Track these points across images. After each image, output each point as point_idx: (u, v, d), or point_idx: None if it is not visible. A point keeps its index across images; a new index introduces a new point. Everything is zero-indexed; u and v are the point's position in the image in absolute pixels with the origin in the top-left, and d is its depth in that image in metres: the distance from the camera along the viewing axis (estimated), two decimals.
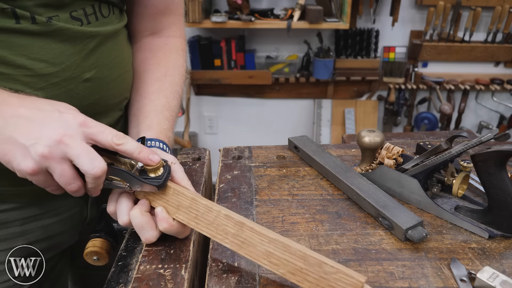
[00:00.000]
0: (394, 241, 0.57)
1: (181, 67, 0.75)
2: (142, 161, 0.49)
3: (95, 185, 0.49)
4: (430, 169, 0.63)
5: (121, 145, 0.48)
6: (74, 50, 0.56)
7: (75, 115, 0.48)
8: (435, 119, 2.59)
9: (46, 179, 0.48)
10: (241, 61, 2.44)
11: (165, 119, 0.66)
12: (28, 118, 0.47)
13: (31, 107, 0.48)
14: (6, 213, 0.60)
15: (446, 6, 2.25)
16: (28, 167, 0.45)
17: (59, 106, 0.49)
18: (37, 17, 0.51)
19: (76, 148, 0.45)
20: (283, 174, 0.75)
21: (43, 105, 0.48)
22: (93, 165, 0.46)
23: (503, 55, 2.44)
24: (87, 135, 0.47)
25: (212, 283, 0.49)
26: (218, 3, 2.39)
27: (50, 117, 0.47)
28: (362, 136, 0.69)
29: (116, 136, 0.48)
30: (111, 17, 0.62)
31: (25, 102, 0.48)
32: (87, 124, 0.48)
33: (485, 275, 0.48)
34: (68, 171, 0.47)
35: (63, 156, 0.46)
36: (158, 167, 0.50)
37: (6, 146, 0.46)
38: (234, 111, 2.72)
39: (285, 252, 0.46)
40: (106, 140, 0.48)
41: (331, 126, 2.62)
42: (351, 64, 2.47)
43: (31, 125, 0.46)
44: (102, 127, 0.49)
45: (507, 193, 0.55)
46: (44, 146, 0.45)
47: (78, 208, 0.70)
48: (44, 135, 0.45)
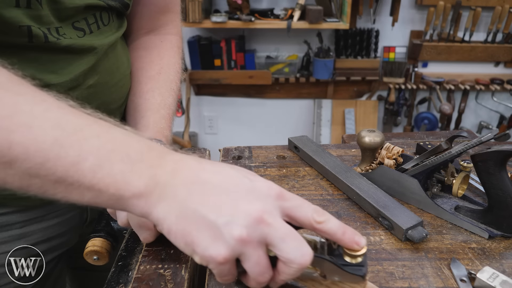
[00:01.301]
0: (394, 241, 0.57)
1: (176, 64, 0.74)
2: (345, 245, 0.40)
3: (292, 276, 0.39)
4: (430, 169, 0.63)
5: (323, 224, 0.39)
6: (82, 61, 0.56)
7: (270, 185, 0.40)
8: (435, 119, 2.60)
9: (230, 268, 0.39)
10: (241, 61, 2.44)
11: (162, 117, 0.65)
12: (216, 187, 0.38)
13: (214, 171, 0.39)
14: (7, 216, 0.60)
15: (446, 6, 2.25)
16: (220, 254, 0.36)
17: (245, 172, 0.41)
18: (49, 37, 0.51)
19: (280, 229, 0.37)
20: (283, 174, 0.75)
21: (226, 169, 0.40)
22: (302, 252, 0.37)
23: (503, 55, 2.44)
24: (284, 211, 0.39)
25: (212, 283, 0.49)
26: (218, 3, 2.39)
27: (241, 186, 0.38)
28: (362, 136, 0.69)
29: (316, 212, 0.39)
30: (110, 24, 0.62)
31: (204, 164, 0.40)
32: (284, 197, 0.39)
33: (485, 275, 0.48)
34: (264, 259, 0.38)
35: (262, 239, 0.37)
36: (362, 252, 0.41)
37: (189, 223, 0.37)
38: (234, 111, 2.72)
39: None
40: (306, 216, 0.39)
41: (331, 126, 2.63)
42: (351, 64, 2.47)
43: (221, 196, 0.37)
44: (299, 199, 0.40)
45: (507, 193, 0.55)
46: (241, 227, 0.35)
47: (78, 210, 0.70)
48: (240, 211, 0.36)
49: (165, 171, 0.39)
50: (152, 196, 0.38)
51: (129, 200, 0.38)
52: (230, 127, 2.79)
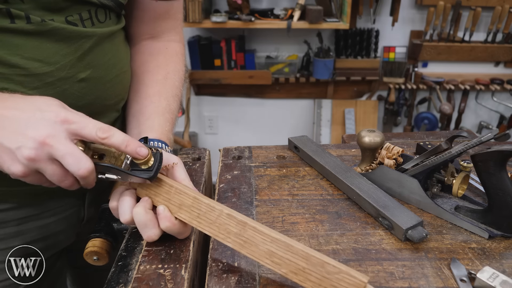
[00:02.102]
0: (394, 241, 0.57)
1: (180, 72, 0.75)
2: (130, 155, 0.49)
3: (85, 182, 0.49)
4: (430, 169, 0.63)
5: (107, 139, 0.47)
6: (69, 50, 0.56)
7: (57, 113, 0.47)
8: (435, 119, 2.59)
9: (39, 178, 0.48)
10: (241, 61, 2.44)
11: (166, 121, 0.66)
12: (11, 120, 0.46)
13: (13, 108, 0.47)
14: (3, 213, 0.60)
15: (446, 6, 2.25)
16: (18, 170, 0.45)
17: (40, 104, 0.48)
18: (32, 17, 0.51)
19: (60, 149, 0.45)
20: (283, 174, 0.75)
21: (24, 104, 0.47)
22: (79, 166, 0.45)
23: (503, 55, 2.44)
24: (71, 132, 0.46)
25: (212, 283, 0.49)
26: (218, 3, 2.39)
27: (32, 117, 0.46)
28: (362, 136, 0.69)
29: (100, 129, 0.47)
30: (107, 22, 0.62)
31: (7, 102, 0.47)
32: (69, 120, 0.47)
33: (485, 275, 0.48)
34: (57, 170, 0.47)
35: (50, 157, 0.45)
36: (148, 159, 0.49)
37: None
38: (234, 111, 2.72)
39: (287, 252, 0.46)
40: (90, 134, 0.47)
41: (331, 126, 2.62)
42: (351, 64, 2.46)
43: (15, 127, 0.45)
44: (85, 121, 0.47)
45: (507, 193, 0.55)
46: (29, 149, 0.44)
47: (75, 209, 0.70)
48: (28, 138, 0.45)
49: None
50: None
51: None
52: (230, 127, 2.79)
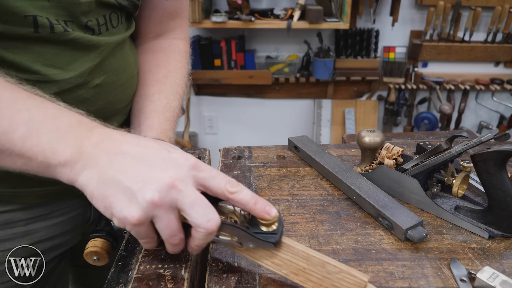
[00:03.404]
0: (394, 241, 0.57)
1: (182, 69, 0.75)
2: (256, 214, 0.43)
3: (203, 241, 0.43)
4: (430, 169, 0.63)
5: (235, 194, 0.42)
6: (87, 58, 0.56)
7: (186, 156, 0.43)
8: (435, 119, 2.59)
9: (147, 230, 0.42)
10: (241, 61, 2.44)
11: (166, 119, 0.66)
12: (135, 157, 0.41)
13: (136, 144, 0.43)
14: (11, 213, 0.60)
15: (446, 6, 2.25)
16: (133, 216, 0.39)
17: (166, 145, 0.44)
18: (55, 26, 0.51)
19: (189, 196, 0.40)
20: (283, 174, 0.75)
21: (148, 142, 0.44)
22: (207, 218, 0.40)
23: (503, 55, 2.44)
24: (198, 180, 0.42)
25: (212, 283, 0.49)
26: (218, 3, 2.39)
27: (158, 156, 0.42)
28: (362, 136, 0.69)
29: (229, 182, 0.42)
30: (119, 27, 0.63)
31: (128, 137, 0.44)
32: (199, 167, 0.42)
33: (485, 275, 0.48)
34: (174, 222, 0.41)
35: (173, 204, 0.40)
36: (274, 221, 0.44)
37: (107, 188, 0.40)
38: (234, 111, 2.72)
39: (287, 253, 0.46)
40: (218, 186, 0.42)
41: (331, 126, 2.62)
42: (351, 64, 2.46)
43: (138, 165, 0.41)
44: (214, 171, 0.43)
45: (507, 193, 0.55)
46: (153, 191, 0.39)
47: (82, 209, 0.70)
48: (154, 178, 0.39)
49: (90, 142, 0.42)
50: (77, 164, 0.41)
51: (56, 168, 0.42)
52: (230, 127, 2.79)
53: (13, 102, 0.42)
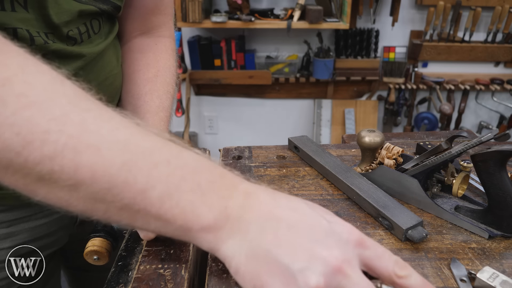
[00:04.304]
0: (394, 241, 0.57)
1: (171, 67, 0.74)
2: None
3: None
4: (430, 169, 0.63)
5: (403, 279, 0.35)
6: (69, 67, 0.55)
7: (348, 229, 0.37)
8: (435, 119, 2.60)
9: None
10: (241, 61, 2.44)
11: (160, 120, 0.66)
12: (291, 226, 0.34)
13: (288, 207, 0.36)
14: None
15: (446, 6, 2.25)
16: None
17: (320, 210, 0.38)
18: (36, 39, 0.50)
19: (358, 283, 0.33)
20: (283, 174, 0.75)
21: (300, 205, 0.37)
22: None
23: (503, 55, 2.44)
24: (363, 260, 0.36)
25: (212, 283, 0.49)
26: (218, 3, 2.39)
27: (318, 227, 0.35)
28: (362, 136, 0.69)
29: (397, 264, 0.36)
30: (100, 32, 0.62)
31: (278, 197, 0.37)
32: (364, 244, 0.36)
33: (485, 275, 0.48)
34: None
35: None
36: None
37: (260, 265, 0.34)
38: (234, 111, 2.72)
39: None
40: (386, 269, 0.35)
41: (331, 126, 2.63)
42: (351, 64, 2.47)
43: (297, 237, 0.34)
44: (380, 248, 0.37)
45: (507, 193, 0.55)
46: (318, 276, 0.32)
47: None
48: (318, 258, 0.33)
49: (236, 203, 0.36)
50: (222, 230, 0.36)
51: (198, 233, 0.36)
52: (230, 127, 2.79)
53: (149, 153, 0.35)
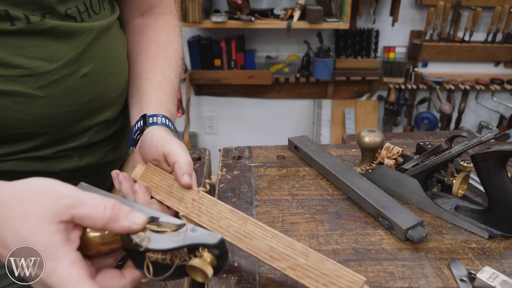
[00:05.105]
0: (394, 241, 0.57)
1: (173, 42, 0.73)
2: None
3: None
4: (430, 169, 0.63)
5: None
6: (70, 46, 0.55)
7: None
8: (435, 119, 2.59)
9: None
10: (241, 61, 2.44)
11: (164, 93, 0.65)
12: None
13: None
14: None
15: (446, 6, 2.25)
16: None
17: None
18: (31, 17, 0.50)
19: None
20: (283, 174, 0.75)
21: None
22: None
23: (503, 55, 2.44)
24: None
25: (212, 283, 0.49)
26: (218, 3, 2.39)
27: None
28: (362, 136, 0.69)
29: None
30: (102, 13, 0.62)
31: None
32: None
33: (485, 275, 0.48)
34: None
35: None
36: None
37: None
38: (234, 111, 2.72)
39: (287, 248, 0.46)
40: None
41: (331, 126, 2.62)
42: (351, 64, 2.46)
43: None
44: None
45: (507, 193, 0.55)
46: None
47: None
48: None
49: None
50: None
51: None
52: (230, 127, 2.79)
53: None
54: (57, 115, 0.56)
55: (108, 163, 0.70)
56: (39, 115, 0.54)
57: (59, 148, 0.60)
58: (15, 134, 0.54)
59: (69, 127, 0.59)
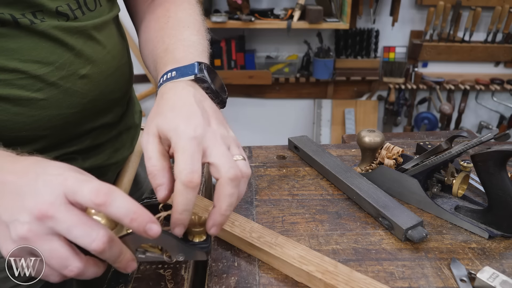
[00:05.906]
0: (394, 241, 0.57)
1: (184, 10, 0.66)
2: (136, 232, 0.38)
3: (110, 260, 0.39)
4: (430, 169, 0.63)
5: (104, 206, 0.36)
6: (65, 48, 0.55)
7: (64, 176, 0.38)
8: (435, 119, 2.60)
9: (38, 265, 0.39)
10: (241, 61, 2.44)
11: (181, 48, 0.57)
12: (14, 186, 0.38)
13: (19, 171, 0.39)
14: None
15: (446, 6, 2.25)
16: (7, 251, 0.37)
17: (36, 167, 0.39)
18: (20, 21, 0.49)
19: (65, 221, 0.36)
20: (283, 174, 0.75)
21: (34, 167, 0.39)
22: (91, 239, 0.36)
23: (503, 55, 2.44)
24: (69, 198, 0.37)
25: (212, 283, 0.49)
26: (218, 3, 2.39)
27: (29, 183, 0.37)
28: (362, 136, 0.69)
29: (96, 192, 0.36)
30: (98, 10, 0.60)
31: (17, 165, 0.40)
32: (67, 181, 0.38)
33: (485, 275, 0.48)
34: (59, 251, 0.37)
35: (51, 232, 0.36)
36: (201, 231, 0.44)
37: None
38: (234, 111, 2.72)
39: (317, 258, 0.50)
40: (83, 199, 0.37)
41: (331, 126, 2.63)
42: (351, 64, 2.47)
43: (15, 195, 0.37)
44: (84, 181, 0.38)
45: (507, 193, 0.55)
46: (23, 225, 0.36)
47: None
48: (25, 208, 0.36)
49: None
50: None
51: None
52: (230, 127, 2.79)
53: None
54: (57, 117, 0.55)
55: (112, 165, 0.69)
56: (39, 117, 0.53)
57: (62, 152, 0.60)
58: (16, 137, 0.53)
59: (71, 129, 0.59)
